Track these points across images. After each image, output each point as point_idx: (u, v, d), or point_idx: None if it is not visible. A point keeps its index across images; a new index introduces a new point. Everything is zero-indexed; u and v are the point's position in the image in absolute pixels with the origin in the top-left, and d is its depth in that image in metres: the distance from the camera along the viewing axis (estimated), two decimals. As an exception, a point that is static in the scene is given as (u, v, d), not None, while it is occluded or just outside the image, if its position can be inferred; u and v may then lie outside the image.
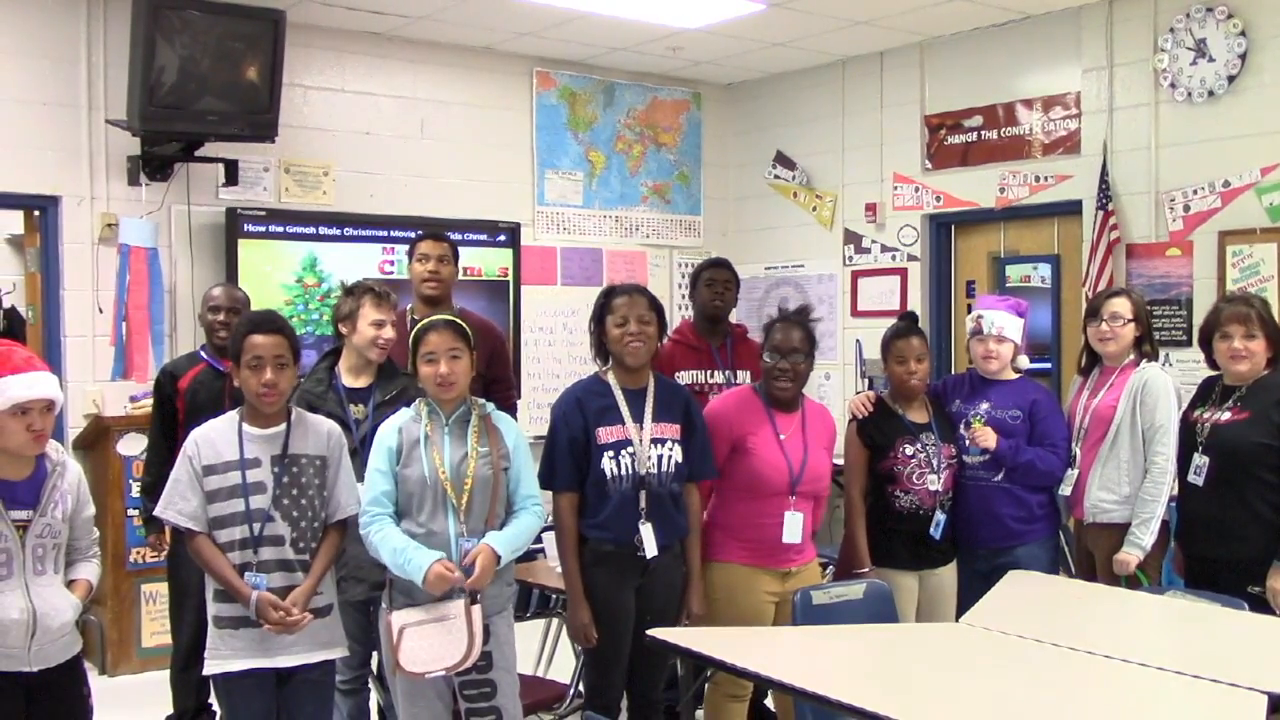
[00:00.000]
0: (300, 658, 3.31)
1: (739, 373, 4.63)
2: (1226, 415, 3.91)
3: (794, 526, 3.82)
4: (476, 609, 3.28)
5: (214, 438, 3.32)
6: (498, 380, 4.57)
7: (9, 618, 2.99)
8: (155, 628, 5.58)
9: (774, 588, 3.83)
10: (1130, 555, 3.97)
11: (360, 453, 3.61)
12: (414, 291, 4.53)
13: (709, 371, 4.61)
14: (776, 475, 3.81)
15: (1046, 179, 6.34)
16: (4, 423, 2.99)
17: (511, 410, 4.48)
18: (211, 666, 3.30)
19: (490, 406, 3.53)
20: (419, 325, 3.46)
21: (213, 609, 3.31)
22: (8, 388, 2.99)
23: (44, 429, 3.05)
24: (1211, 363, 4.04)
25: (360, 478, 3.48)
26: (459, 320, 3.48)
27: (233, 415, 3.38)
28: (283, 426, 3.35)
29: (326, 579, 3.39)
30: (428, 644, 3.25)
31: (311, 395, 3.84)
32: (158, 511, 3.37)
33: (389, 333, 3.93)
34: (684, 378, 4.47)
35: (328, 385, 3.92)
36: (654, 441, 3.65)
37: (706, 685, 3.94)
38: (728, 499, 3.90)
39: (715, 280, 4.71)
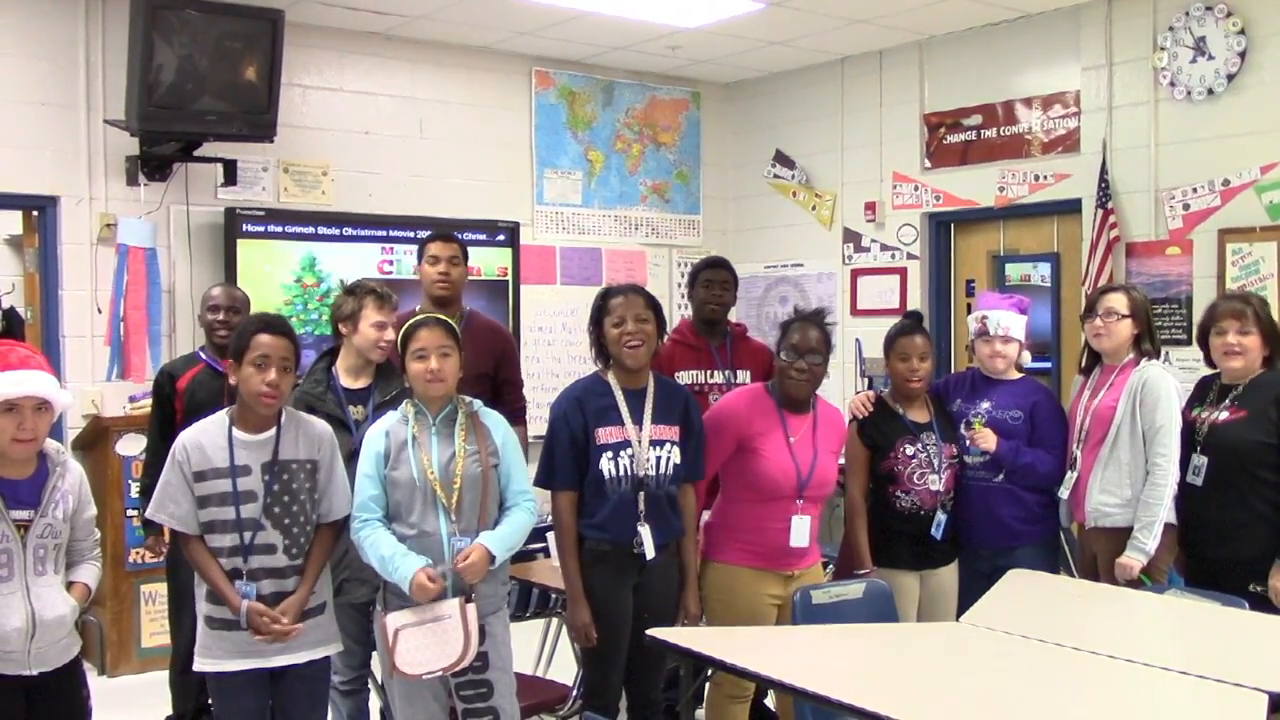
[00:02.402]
0: (293, 657, 3.30)
1: (739, 372, 4.61)
2: (1224, 415, 3.89)
3: (801, 530, 3.79)
4: (471, 608, 3.28)
5: (203, 443, 3.27)
6: (507, 383, 4.54)
7: (10, 625, 2.98)
8: (155, 628, 5.57)
9: (777, 590, 3.80)
10: (1133, 560, 3.89)
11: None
12: (424, 293, 4.48)
13: (708, 371, 4.59)
14: (784, 478, 3.77)
15: (1046, 178, 6.34)
16: None
17: (522, 413, 4.49)
18: (203, 665, 3.28)
19: (478, 404, 3.51)
20: (408, 323, 3.44)
21: (204, 609, 3.30)
22: None
23: (33, 430, 3.02)
24: (1210, 361, 4.02)
25: (356, 481, 3.47)
26: (448, 319, 3.47)
27: (222, 418, 3.32)
28: (273, 431, 3.31)
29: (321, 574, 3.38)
30: (423, 645, 3.24)
31: (310, 396, 3.82)
32: (149, 514, 3.35)
33: (391, 334, 3.92)
34: (683, 377, 4.46)
35: (326, 386, 3.91)
36: (653, 443, 3.63)
37: (708, 686, 3.93)
38: (733, 499, 3.87)
39: (713, 280, 4.69)
